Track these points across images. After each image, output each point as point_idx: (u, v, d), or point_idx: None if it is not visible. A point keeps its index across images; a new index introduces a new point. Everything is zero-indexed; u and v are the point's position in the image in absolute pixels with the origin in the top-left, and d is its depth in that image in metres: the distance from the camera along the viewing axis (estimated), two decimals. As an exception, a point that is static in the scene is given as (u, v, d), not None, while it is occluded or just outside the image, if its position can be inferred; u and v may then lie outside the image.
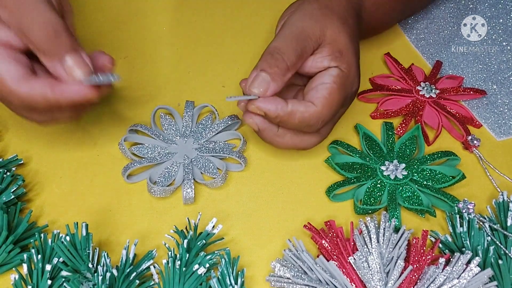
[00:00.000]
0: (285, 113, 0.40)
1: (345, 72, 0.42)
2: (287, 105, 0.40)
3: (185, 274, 0.38)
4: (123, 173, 0.45)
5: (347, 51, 0.42)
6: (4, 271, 0.39)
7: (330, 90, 0.41)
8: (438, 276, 0.38)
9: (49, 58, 0.37)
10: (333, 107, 0.41)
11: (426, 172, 0.46)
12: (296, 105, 0.40)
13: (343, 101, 0.42)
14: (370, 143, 0.48)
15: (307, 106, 0.40)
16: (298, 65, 0.41)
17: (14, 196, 0.42)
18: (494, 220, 0.43)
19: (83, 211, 0.44)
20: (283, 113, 0.40)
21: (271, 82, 0.39)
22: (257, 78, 0.40)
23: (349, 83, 0.42)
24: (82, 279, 0.37)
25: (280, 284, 0.39)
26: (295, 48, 0.40)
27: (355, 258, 0.39)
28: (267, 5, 0.61)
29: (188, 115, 0.49)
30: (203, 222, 0.43)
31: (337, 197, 0.45)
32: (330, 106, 0.41)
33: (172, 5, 0.61)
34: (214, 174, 0.45)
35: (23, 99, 0.37)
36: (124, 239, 0.42)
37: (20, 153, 0.47)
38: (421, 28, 0.60)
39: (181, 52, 0.56)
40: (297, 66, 0.41)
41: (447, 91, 0.52)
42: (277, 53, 0.40)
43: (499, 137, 0.50)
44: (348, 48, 0.42)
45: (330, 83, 0.41)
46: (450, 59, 0.57)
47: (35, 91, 0.37)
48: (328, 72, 0.41)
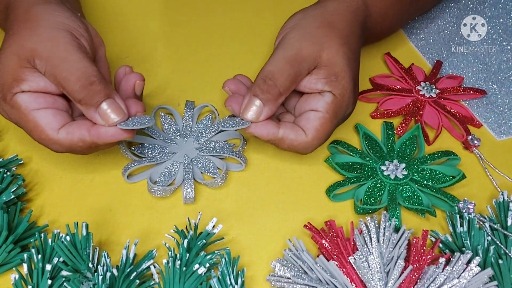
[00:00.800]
0: (276, 138, 0.41)
1: (338, 98, 0.42)
2: (278, 131, 0.41)
3: (185, 274, 0.38)
4: (123, 173, 0.45)
5: (343, 75, 0.42)
6: (4, 270, 0.39)
7: (322, 121, 0.41)
8: (438, 276, 0.38)
9: (85, 107, 0.38)
10: (324, 137, 0.42)
11: (426, 172, 0.46)
12: (288, 131, 0.41)
13: (335, 127, 0.43)
14: (370, 143, 0.48)
15: (297, 135, 0.41)
16: (292, 89, 0.41)
17: (14, 196, 0.42)
18: (494, 220, 0.43)
19: (83, 211, 0.44)
20: (274, 138, 0.41)
21: (264, 108, 0.40)
22: (250, 105, 0.40)
23: (342, 108, 0.42)
24: (82, 278, 0.37)
25: (280, 284, 0.39)
26: (289, 73, 0.40)
27: (355, 258, 0.39)
28: (268, 5, 0.61)
29: (188, 115, 0.49)
30: (203, 222, 0.43)
31: (337, 197, 0.45)
32: (321, 136, 0.42)
33: (172, 5, 0.61)
34: (214, 174, 0.45)
35: (63, 145, 0.39)
36: (124, 239, 0.42)
37: (20, 153, 0.47)
38: (421, 28, 0.60)
39: (181, 52, 0.57)
40: (291, 90, 0.41)
41: (447, 90, 0.52)
42: (270, 79, 0.40)
43: (499, 136, 0.50)
44: (345, 71, 0.42)
45: (322, 112, 0.41)
46: (450, 59, 0.57)
47: (73, 136, 0.39)
48: (322, 98, 0.42)
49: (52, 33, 0.39)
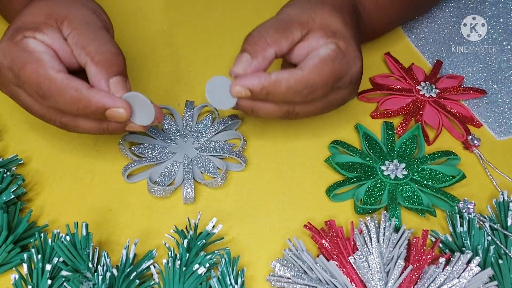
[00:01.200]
0: (270, 83, 0.38)
1: (342, 49, 0.40)
2: (270, 75, 0.38)
3: (185, 274, 0.38)
4: (123, 173, 0.45)
5: (341, 33, 0.40)
6: (4, 270, 0.39)
7: (322, 58, 0.39)
8: (438, 276, 0.38)
9: (100, 69, 0.38)
10: (324, 76, 0.39)
11: (426, 171, 0.46)
12: (281, 73, 0.38)
13: (338, 75, 0.40)
14: (370, 142, 0.48)
15: (292, 72, 0.38)
16: (283, 45, 0.40)
17: (14, 196, 0.42)
18: (494, 219, 0.43)
19: (83, 211, 0.44)
20: (268, 84, 0.38)
21: (252, 60, 0.39)
22: (239, 59, 0.40)
23: (347, 60, 0.40)
24: (82, 278, 0.37)
25: (280, 284, 0.39)
26: (277, 27, 0.40)
27: (355, 258, 0.39)
28: (268, 5, 0.61)
29: (188, 114, 0.49)
30: (203, 222, 0.43)
31: (337, 196, 0.45)
32: (320, 73, 0.38)
33: (172, 5, 0.61)
34: (214, 173, 0.45)
35: (57, 87, 0.37)
36: (124, 238, 0.42)
37: (20, 153, 0.47)
38: (421, 28, 0.60)
39: (181, 52, 0.57)
40: (281, 45, 0.39)
41: (448, 90, 0.52)
42: (257, 32, 0.40)
43: (499, 136, 0.50)
44: (342, 30, 0.40)
45: (324, 52, 0.39)
46: (451, 59, 0.57)
47: (71, 82, 0.37)
48: (325, 45, 0.40)
49: (81, 9, 0.40)
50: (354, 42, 0.41)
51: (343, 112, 0.51)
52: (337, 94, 0.42)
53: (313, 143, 0.49)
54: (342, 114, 0.51)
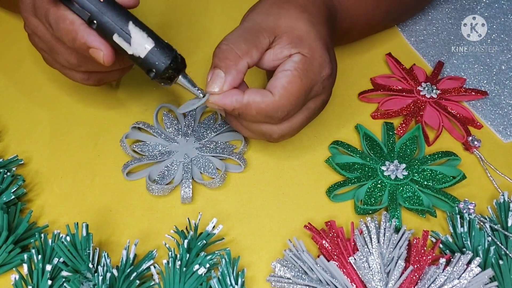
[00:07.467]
0: (241, 105, 0.38)
1: (307, 57, 0.39)
2: (243, 97, 0.39)
3: (185, 274, 0.38)
4: (123, 170, 0.45)
5: (307, 36, 0.40)
6: (4, 271, 0.39)
7: (290, 78, 0.39)
8: (438, 277, 0.38)
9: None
10: (294, 96, 0.39)
11: (427, 172, 0.46)
12: (253, 95, 0.38)
13: (309, 88, 0.40)
14: (371, 143, 0.48)
15: (263, 96, 0.38)
16: (253, 55, 0.39)
17: (15, 196, 0.42)
18: (494, 220, 0.43)
19: (83, 211, 0.44)
20: (239, 105, 0.39)
21: (226, 76, 0.38)
22: (213, 77, 0.39)
23: (314, 68, 0.40)
24: (82, 279, 0.37)
25: (280, 284, 0.39)
26: (245, 37, 0.39)
27: (356, 258, 0.39)
28: (268, 5, 0.61)
29: (190, 114, 0.49)
30: (203, 222, 0.43)
31: (338, 197, 0.45)
32: (290, 95, 0.39)
33: (171, 6, 0.61)
34: (213, 174, 0.45)
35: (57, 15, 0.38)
36: (125, 239, 0.42)
37: (20, 153, 0.47)
38: (420, 30, 0.60)
39: (181, 52, 0.56)
40: (252, 55, 0.39)
41: (448, 91, 0.52)
42: (225, 44, 0.39)
43: (506, 139, 0.50)
44: (309, 32, 0.40)
45: (291, 70, 0.39)
46: (451, 61, 0.57)
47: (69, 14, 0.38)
48: (290, 59, 0.40)
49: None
50: (321, 44, 0.40)
51: (343, 113, 0.51)
52: (316, 101, 0.42)
53: (313, 144, 0.49)
54: (342, 114, 0.51)
